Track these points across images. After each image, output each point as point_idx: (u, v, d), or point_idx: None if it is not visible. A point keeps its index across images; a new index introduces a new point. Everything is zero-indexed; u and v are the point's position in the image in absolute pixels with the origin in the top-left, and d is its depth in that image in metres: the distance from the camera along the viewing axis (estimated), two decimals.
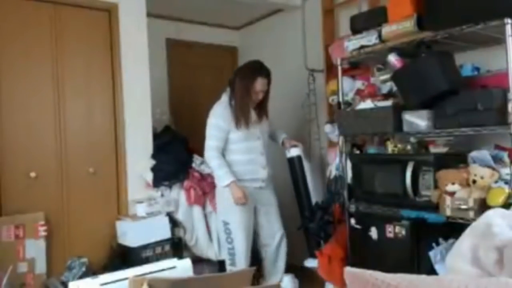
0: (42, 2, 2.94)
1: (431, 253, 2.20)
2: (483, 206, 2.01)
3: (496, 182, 2.08)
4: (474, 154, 2.21)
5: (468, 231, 1.47)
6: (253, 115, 2.90)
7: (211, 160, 2.84)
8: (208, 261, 3.23)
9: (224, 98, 2.93)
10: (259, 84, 2.80)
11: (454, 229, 1.98)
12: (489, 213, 1.48)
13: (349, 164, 2.76)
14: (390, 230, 2.41)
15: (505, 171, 2.11)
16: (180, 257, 2.67)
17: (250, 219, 2.91)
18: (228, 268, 2.90)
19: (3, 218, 2.69)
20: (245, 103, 2.81)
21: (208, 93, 4.40)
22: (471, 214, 2.05)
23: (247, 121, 2.81)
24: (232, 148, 2.86)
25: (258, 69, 2.84)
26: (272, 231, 3.01)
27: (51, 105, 2.96)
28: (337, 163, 2.93)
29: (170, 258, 2.54)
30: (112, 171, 3.17)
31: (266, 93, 2.90)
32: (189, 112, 4.25)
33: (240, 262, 2.87)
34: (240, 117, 2.80)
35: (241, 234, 2.85)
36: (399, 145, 2.54)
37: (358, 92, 2.91)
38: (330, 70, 3.30)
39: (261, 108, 2.95)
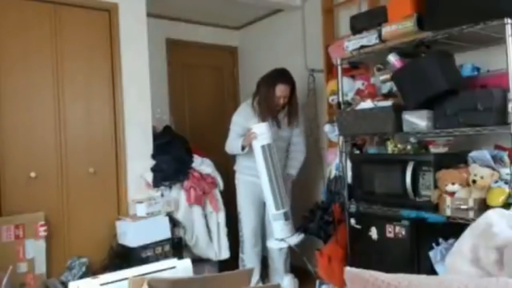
0: (42, 2, 2.94)
1: (431, 253, 2.20)
2: (483, 206, 2.02)
3: (496, 182, 2.08)
4: (474, 154, 2.21)
5: (468, 231, 1.47)
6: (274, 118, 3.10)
7: (229, 150, 3.17)
8: (208, 261, 3.23)
9: (249, 100, 3.19)
10: (278, 89, 3.01)
11: (454, 229, 1.98)
12: (489, 213, 1.48)
13: (349, 164, 2.76)
14: (390, 230, 2.41)
15: (505, 171, 2.10)
16: (180, 257, 2.67)
17: (258, 211, 3.18)
18: (240, 255, 3.23)
19: (3, 218, 2.69)
20: (268, 105, 3.05)
21: (208, 93, 4.44)
22: (471, 214, 2.05)
23: (267, 118, 3.03)
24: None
25: (280, 75, 3.07)
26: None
27: (51, 105, 2.96)
28: (337, 163, 2.93)
29: (170, 258, 2.54)
30: (112, 171, 3.17)
31: (290, 100, 3.08)
32: (189, 112, 4.25)
33: (247, 250, 3.19)
34: (266, 116, 3.05)
35: (247, 223, 3.17)
36: (399, 145, 2.54)
37: (358, 92, 2.91)
38: (330, 70, 3.30)
39: (289, 115, 3.13)
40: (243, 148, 3.00)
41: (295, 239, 2.87)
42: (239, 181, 3.26)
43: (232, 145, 3.10)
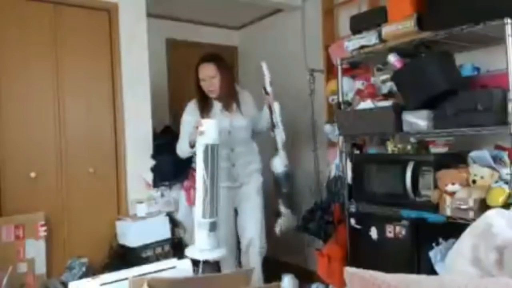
0: (42, 2, 2.94)
1: (431, 253, 2.19)
2: (483, 206, 2.01)
3: (496, 182, 2.08)
4: (474, 154, 2.21)
5: (468, 231, 1.47)
6: (217, 106, 2.80)
7: (180, 152, 2.82)
8: (208, 261, 3.23)
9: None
10: (200, 72, 2.75)
11: (454, 229, 1.98)
12: (489, 213, 1.48)
13: (349, 164, 2.76)
14: (390, 230, 2.41)
15: (505, 171, 2.10)
16: (180, 257, 2.67)
17: (228, 223, 2.78)
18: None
19: (3, 218, 2.69)
20: (198, 94, 2.81)
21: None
22: (471, 214, 2.04)
23: (203, 112, 2.77)
24: None
25: (200, 58, 2.80)
26: (242, 230, 2.83)
27: (51, 105, 2.96)
28: (337, 163, 2.93)
29: (170, 258, 2.54)
30: (112, 171, 3.17)
31: (223, 80, 2.73)
32: None
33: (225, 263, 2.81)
34: (199, 109, 2.79)
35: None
36: (399, 145, 2.54)
37: (358, 92, 2.90)
38: (330, 70, 3.30)
39: (227, 97, 2.76)
40: (192, 146, 2.62)
41: (214, 254, 2.46)
42: None
43: (181, 144, 2.77)
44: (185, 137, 2.71)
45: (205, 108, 2.78)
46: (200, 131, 2.44)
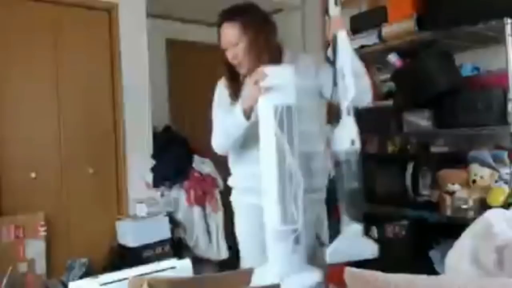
0: (42, 2, 2.94)
1: (431, 253, 2.20)
2: (483, 206, 2.01)
3: (496, 182, 2.08)
4: (474, 154, 2.21)
5: (468, 231, 1.47)
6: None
7: (220, 142, 1.84)
8: (208, 261, 3.23)
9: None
10: (221, 39, 1.79)
11: (454, 229, 1.98)
12: (489, 213, 1.48)
13: None
14: (390, 230, 2.41)
15: (505, 171, 2.11)
16: (180, 257, 2.68)
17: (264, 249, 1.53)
18: None
19: (3, 218, 2.69)
20: (225, 71, 1.88)
21: (208, 93, 4.43)
22: (471, 214, 2.05)
23: (233, 94, 1.80)
24: None
25: (218, 16, 1.82)
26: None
27: (51, 105, 2.95)
28: None
29: (170, 258, 2.54)
30: (112, 171, 3.17)
31: (251, 46, 1.72)
32: (189, 112, 4.25)
33: None
34: (229, 93, 1.84)
35: (249, 263, 1.73)
36: (399, 145, 2.54)
37: None
38: None
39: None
40: (247, 116, 1.58)
41: (311, 278, 1.50)
42: (237, 204, 1.88)
43: (225, 127, 1.75)
44: (223, 125, 1.79)
45: (235, 90, 1.77)
46: (266, 88, 1.46)
